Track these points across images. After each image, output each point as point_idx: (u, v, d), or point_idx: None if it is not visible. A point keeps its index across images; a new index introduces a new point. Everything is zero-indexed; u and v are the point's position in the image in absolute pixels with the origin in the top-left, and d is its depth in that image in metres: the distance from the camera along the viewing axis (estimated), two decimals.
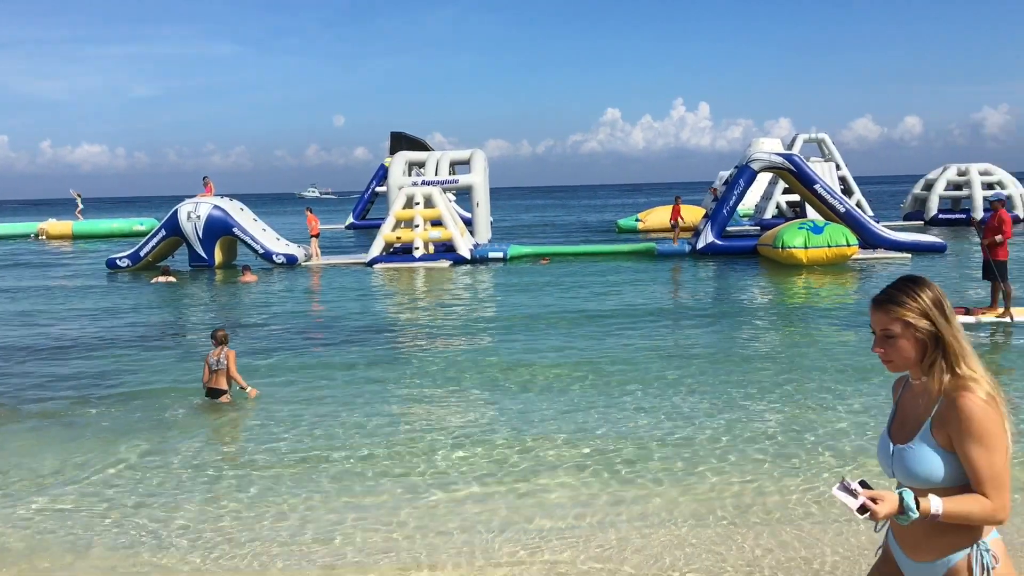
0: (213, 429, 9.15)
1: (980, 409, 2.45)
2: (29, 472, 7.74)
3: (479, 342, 13.50)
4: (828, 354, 11.73)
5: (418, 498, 6.82)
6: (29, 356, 13.34)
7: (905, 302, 2.57)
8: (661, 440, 8.07)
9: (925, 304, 2.55)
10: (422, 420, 9.10)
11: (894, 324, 2.57)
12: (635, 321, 14.88)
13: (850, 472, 7.05)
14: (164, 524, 6.46)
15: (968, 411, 2.45)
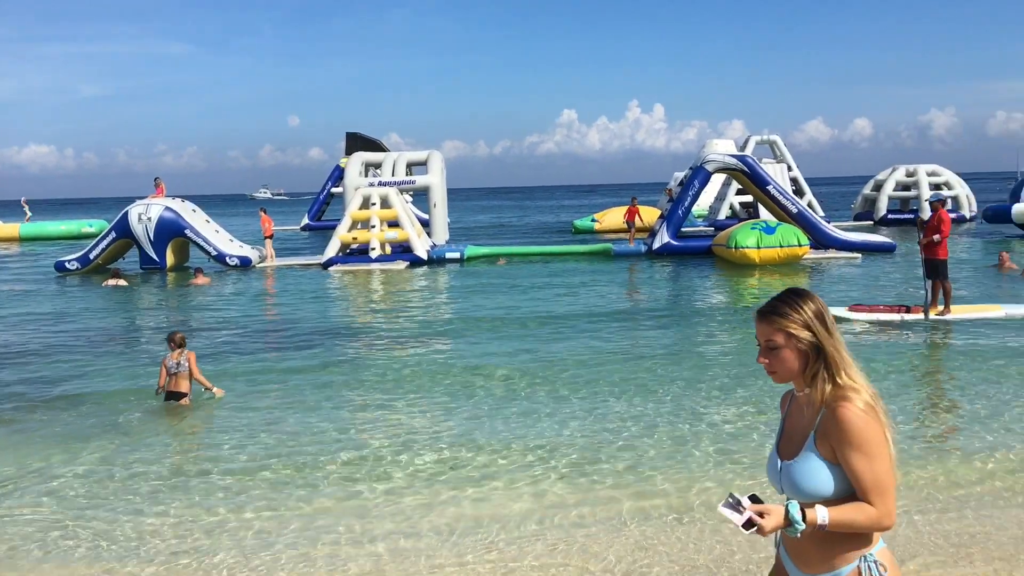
0: (166, 435, 9.04)
1: (859, 418, 2.47)
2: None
3: (434, 345, 13.44)
4: None
5: (368, 504, 6.79)
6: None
7: (788, 314, 2.58)
8: (612, 441, 8.13)
9: (807, 316, 2.57)
10: (376, 426, 9.01)
11: (777, 335, 2.59)
12: (591, 323, 14.93)
13: (742, 487, 7.16)
14: (108, 533, 6.37)
15: (847, 420, 2.47)
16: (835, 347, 2.57)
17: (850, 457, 2.47)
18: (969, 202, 39.46)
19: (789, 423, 2.72)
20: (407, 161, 34.35)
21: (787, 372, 2.61)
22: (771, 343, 2.60)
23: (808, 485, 2.54)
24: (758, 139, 43.91)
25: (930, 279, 14.25)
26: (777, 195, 26.23)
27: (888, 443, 2.50)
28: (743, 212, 36.59)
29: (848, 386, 2.54)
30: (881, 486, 2.47)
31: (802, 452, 2.58)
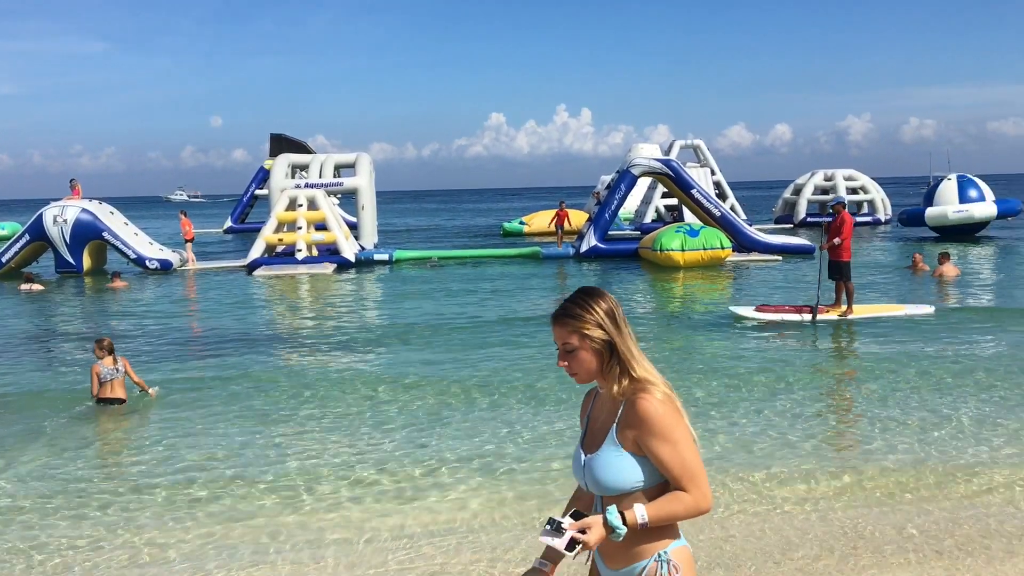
0: (80, 447, 8.73)
1: (659, 408, 2.52)
2: None
3: (361, 354, 13.08)
4: (698, 358, 12.16)
5: (278, 520, 6.55)
6: None
7: (580, 315, 2.62)
8: (523, 454, 8.04)
9: (599, 315, 2.61)
10: (299, 439, 8.64)
11: (572, 337, 2.62)
12: (516, 329, 14.70)
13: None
14: (24, 550, 6.18)
15: (649, 411, 2.51)
16: (626, 343, 2.61)
17: (656, 447, 2.51)
18: (884, 205, 40.82)
19: (593, 420, 2.75)
20: (335, 163, 33.99)
21: (586, 372, 2.65)
22: (567, 345, 2.63)
23: (609, 478, 2.57)
24: (683, 143, 44.65)
25: (833, 280, 14.67)
26: (701, 199, 26.72)
27: (689, 429, 2.56)
28: (668, 215, 37.18)
29: (644, 378, 2.59)
30: (691, 471, 2.52)
31: (603, 445, 2.61)
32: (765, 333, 13.58)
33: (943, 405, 9.10)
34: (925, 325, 13.76)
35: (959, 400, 9.27)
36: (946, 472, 7.10)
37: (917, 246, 27.29)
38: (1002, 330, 13.38)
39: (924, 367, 10.79)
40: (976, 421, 8.47)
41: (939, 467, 7.24)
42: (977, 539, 5.72)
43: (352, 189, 31.30)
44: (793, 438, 8.17)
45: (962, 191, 31.16)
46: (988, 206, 30.86)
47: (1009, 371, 10.46)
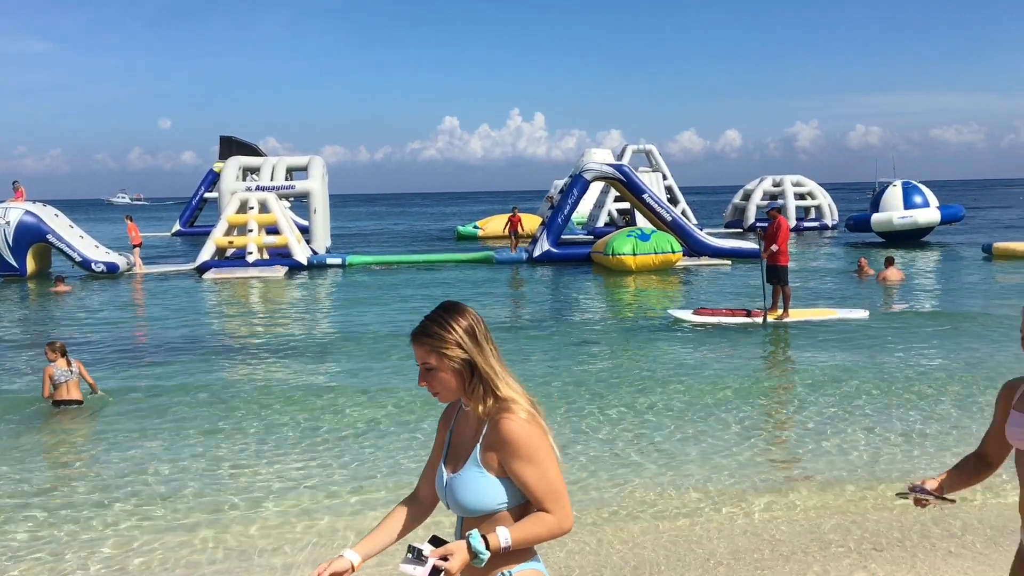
0: (10, 459, 8.51)
1: (523, 429, 2.45)
2: None
3: (310, 363, 12.58)
4: (641, 363, 12.23)
5: (208, 535, 6.34)
6: None
7: (438, 334, 2.52)
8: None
9: (458, 334, 2.52)
10: (240, 455, 8.24)
11: (430, 356, 2.53)
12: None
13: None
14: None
15: (512, 432, 2.44)
16: (488, 361, 2.53)
17: (520, 469, 2.45)
18: (831, 211, 41.56)
19: (456, 436, 2.66)
20: (287, 166, 33.71)
21: (448, 392, 2.56)
22: (427, 365, 2.54)
23: (471, 500, 2.50)
24: (635, 148, 45.00)
25: (771, 284, 14.89)
26: (652, 203, 26.98)
27: (553, 448, 2.50)
28: (621, 219, 37.43)
29: (509, 398, 2.51)
30: (554, 492, 2.46)
31: (466, 466, 2.53)
32: (707, 337, 13.69)
33: (877, 413, 9.12)
34: (865, 330, 13.94)
35: (893, 408, 9.31)
36: (878, 480, 7.14)
37: (864, 251, 27.81)
38: (940, 335, 13.65)
39: (861, 374, 10.83)
40: (907, 430, 8.49)
41: (874, 474, 7.30)
42: (917, 542, 5.85)
43: (304, 192, 31.05)
44: (726, 445, 8.15)
45: (907, 197, 31.87)
46: (932, 212, 31.60)
47: (942, 378, 10.55)
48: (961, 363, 11.46)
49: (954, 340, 13.12)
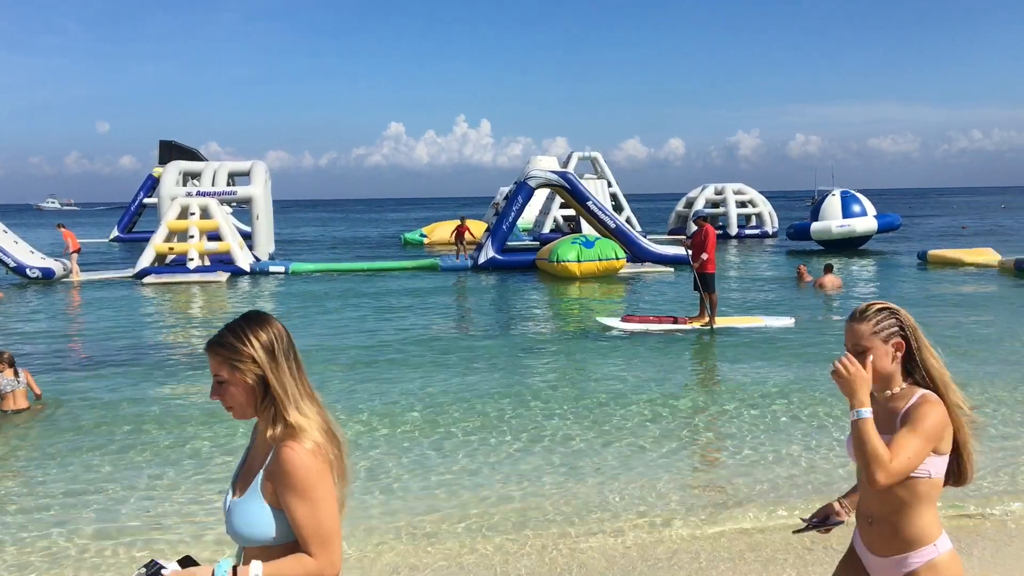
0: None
1: (302, 461, 2.28)
2: None
3: None
4: (572, 372, 12.25)
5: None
6: None
7: (232, 345, 2.36)
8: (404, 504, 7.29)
9: (253, 347, 2.36)
10: (168, 481, 7.76)
11: (223, 369, 2.37)
12: (407, 353, 13.46)
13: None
14: None
15: (289, 463, 2.28)
16: (282, 381, 2.37)
17: (291, 503, 2.28)
18: (771, 219, 42.28)
19: (250, 457, 2.49)
20: (228, 171, 33.33)
21: (240, 408, 2.40)
22: (218, 377, 2.39)
23: (244, 528, 2.34)
24: (580, 155, 45.33)
25: (698, 291, 15.01)
26: (596, 211, 27.17)
27: (334, 488, 2.35)
28: (566, 226, 37.66)
29: (297, 425, 2.34)
30: (323, 535, 2.29)
31: (248, 491, 2.36)
32: (635, 345, 13.55)
33: (798, 423, 9.07)
34: (791, 337, 13.97)
35: (816, 419, 9.26)
36: (804, 493, 7.21)
37: (804, 259, 28.32)
38: None
39: (783, 383, 10.78)
40: (831, 441, 8.44)
41: (799, 486, 7.32)
42: None
43: (247, 198, 30.65)
44: (647, 459, 7.98)
45: (845, 206, 32.61)
46: (869, 221, 32.37)
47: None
48: None
49: None
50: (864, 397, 2.67)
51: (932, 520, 2.77)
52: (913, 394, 2.78)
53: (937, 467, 2.74)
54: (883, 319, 2.81)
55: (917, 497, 2.73)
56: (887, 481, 2.62)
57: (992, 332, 14.31)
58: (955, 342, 13.23)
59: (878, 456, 2.61)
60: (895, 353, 2.79)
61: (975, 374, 11.00)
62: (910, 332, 2.82)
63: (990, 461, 7.57)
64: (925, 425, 2.67)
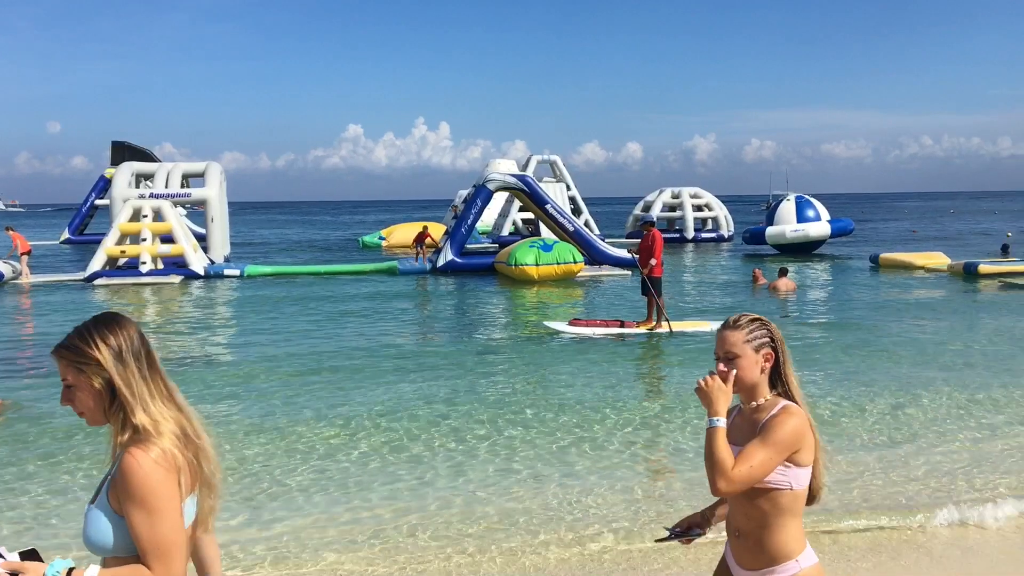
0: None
1: (144, 468, 2.18)
2: None
3: (198, 393, 10.79)
4: (517, 377, 12.11)
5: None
6: None
7: (78, 348, 2.28)
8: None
9: (100, 351, 2.27)
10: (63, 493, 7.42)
11: (68, 373, 2.28)
12: (363, 359, 13.12)
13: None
14: None
15: (130, 471, 2.18)
16: (131, 386, 2.28)
17: (131, 512, 2.18)
18: (727, 222, 42.74)
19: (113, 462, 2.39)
20: (183, 172, 32.85)
21: (91, 414, 2.32)
22: (66, 382, 2.30)
23: (89, 534, 2.25)
24: (539, 159, 45.43)
25: (646, 295, 15.07)
26: (555, 214, 27.24)
27: (179, 498, 2.25)
28: (526, 228, 37.71)
29: (145, 429, 2.25)
30: (161, 548, 2.19)
31: (97, 499, 2.27)
32: (588, 351, 13.40)
33: None
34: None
35: None
36: None
37: (759, 262, 28.67)
38: (812, 347, 14.15)
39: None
40: None
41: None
42: None
43: (201, 200, 30.26)
44: (586, 471, 7.87)
45: (800, 211, 33.12)
46: (822, 226, 32.90)
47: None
48: (833, 384, 11.30)
49: (834, 358, 13.53)
50: (720, 408, 2.69)
51: (795, 534, 2.75)
52: (775, 405, 2.79)
53: (800, 479, 2.73)
54: (755, 329, 2.82)
55: (779, 510, 2.72)
56: (728, 489, 2.63)
57: (932, 337, 14.54)
58: (900, 347, 13.49)
59: (721, 463, 2.62)
60: (764, 364, 2.80)
61: (916, 379, 11.22)
62: (779, 345, 2.84)
63: (939, 467, 7.69)
64: (776, 436, 2.67)
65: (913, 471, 7.54)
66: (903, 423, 9.09)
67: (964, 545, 5.98)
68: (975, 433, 8.68)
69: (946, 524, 6.26)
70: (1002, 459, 7.85)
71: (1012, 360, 12.39)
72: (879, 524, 6.29)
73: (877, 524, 6.29)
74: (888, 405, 9.81)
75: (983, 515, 6.30)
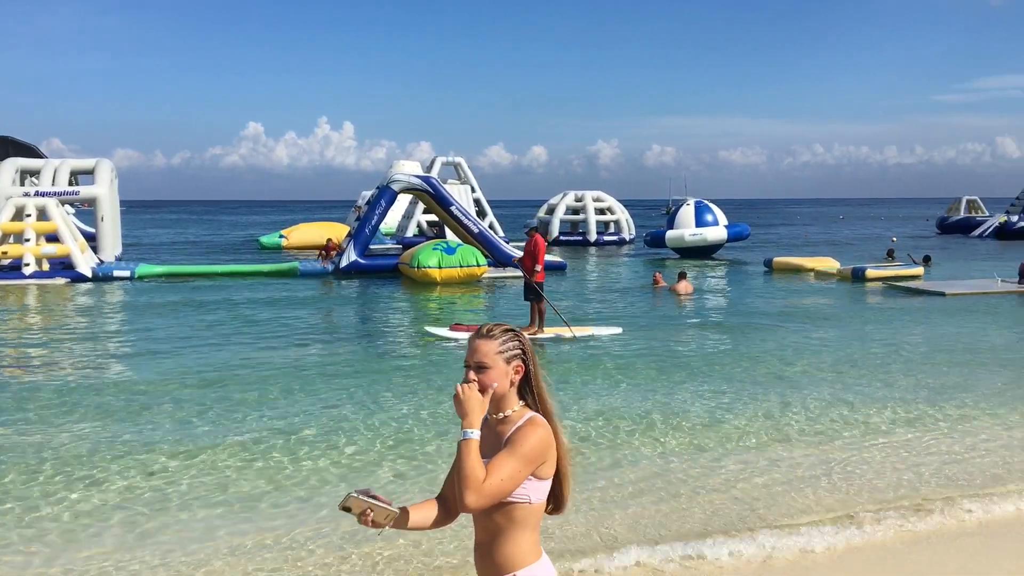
0: None
1: None
2: None
3: (81, 418, 9.54)
4: (394, 383, 11.97)
5: None
6: None
7: None
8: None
9: None
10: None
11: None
12: (258, 369, 12.37)
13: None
14: None
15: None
16: None
17: None
18: (629, 226, 43.47)
19: None
20: (71, 169, 31.51)
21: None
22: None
23: None
24: (444, 160, 45.27)
25: (528, 301, 14.98)
26: (459, 216, 27.17)
27: None
28: (431, 230, 37.55)
29: None
30: None
31: None
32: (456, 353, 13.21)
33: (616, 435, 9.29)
34: (620, 347, 13.99)
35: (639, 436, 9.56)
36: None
37: (659, 265, 29.24)
38: (693, 354, 14.48)
39: (605, 395, 10.81)
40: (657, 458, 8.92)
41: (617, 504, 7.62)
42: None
43: (91, 198, 29.07)
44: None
45: (699, 215, 33.96)
46: (719, 230, 33.80)
47: (683, 416, 9.51)
48: (716, 403, 11.25)
49: (718, 360, 13.86)
50: (475, 420, 2.64)
51: (527, 547, 2.73)
52: (522, 417, 2.76)
53: (538, 492, 2.72)
54: (508, 340, 2.78)
55: (513, 523, 2.71)
56: (478, 503, 2.59)
57: (818, 339, 15.06)
58: (788, 348, 13.91)
59: (473, 477, 2.57)
60: (514, 376, 2.77)
61: (798, 382, 11.57)
62: (530, 357, 2.82)
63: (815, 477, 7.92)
64: (524, 448, 2.65)
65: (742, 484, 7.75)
66: (782, 425, 9.35)
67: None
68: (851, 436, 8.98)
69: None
70: (871, 469, 8.15)
71: (897, 357, 12.93)
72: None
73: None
74: (763, 409, 10.07)
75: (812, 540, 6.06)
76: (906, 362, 12.75)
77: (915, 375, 11.74)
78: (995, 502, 6.79)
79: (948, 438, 8.72)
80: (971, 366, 12.40)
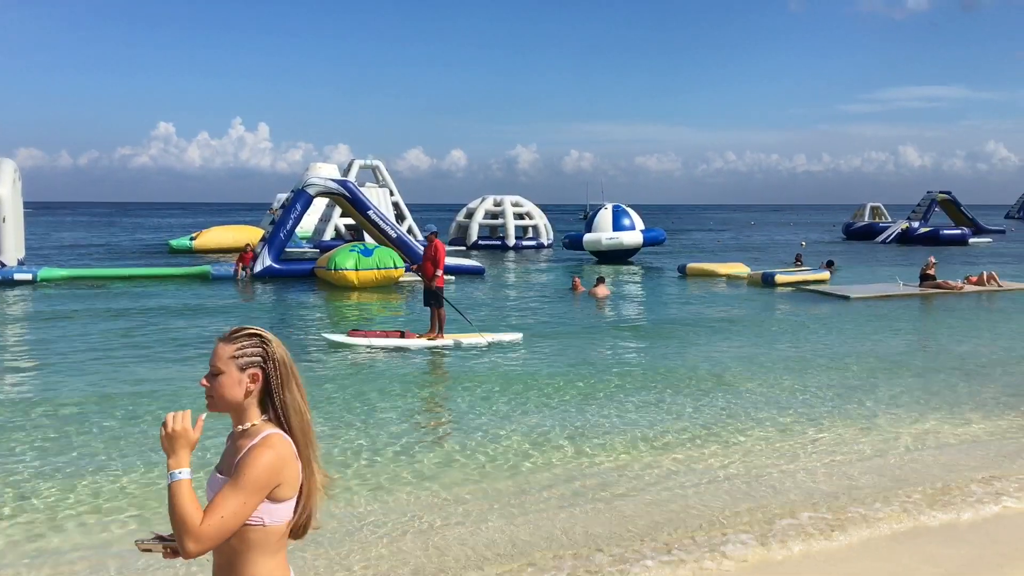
0: None
1: None
2: None
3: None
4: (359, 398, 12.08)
5: None
6: None
7: None
8: None
9: None
10: None
11: None
12: (167, 381, 11.68)
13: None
14: None
15: None
16: None
17: None
18: (547, 231, 43.78)
19: None
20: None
21: None
22: None
23: None
24: (362, 163, 44.81)
25: (429, 306, 14.85)
26: (377, 220, 26.97)
27: None
28: (348, 233, 37.15)
29: None
30: None
31: None
32: (371, 366, 12.71)
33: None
34: (517, 355, 13.92)
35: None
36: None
37: (577, 270, 29.52)
38: (633, 350, 14.72)
39: (511, 401, 10.82)
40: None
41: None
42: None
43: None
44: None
45: (616, 220, 34.40)
46: (635, 235, 34.30)
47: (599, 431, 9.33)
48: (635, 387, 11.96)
49: (636, 361, 14.07)
50: (182, 457, 2.42)
51: (271, 572, 2.52)
52: (259, 434, 2.52)
53: (275, 515, 2.50)
54: (248, 346, 2.55)
55: (248, 546, 2.48)
56: (199, 549, 2.35)
57: (728, 343, 15.45)
58: (699, 351, 14.20)
59: (188, 522, 2.35)
60: (249, 385, 2.53)
61: (710, 383, 11.84)
62: (275, 366, 2.56)
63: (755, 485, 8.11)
64: (249, 477, 2.42)
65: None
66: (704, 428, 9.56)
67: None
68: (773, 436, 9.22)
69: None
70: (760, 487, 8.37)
71: (803, 361, 13.35)
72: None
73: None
74: (683, 410, 10.28)
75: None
76: (811, 366, 13.14)
77: (821, 378, 12.13)
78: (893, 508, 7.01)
79: (858, 442, 8.97)
80: (873, 370, 12.85)
